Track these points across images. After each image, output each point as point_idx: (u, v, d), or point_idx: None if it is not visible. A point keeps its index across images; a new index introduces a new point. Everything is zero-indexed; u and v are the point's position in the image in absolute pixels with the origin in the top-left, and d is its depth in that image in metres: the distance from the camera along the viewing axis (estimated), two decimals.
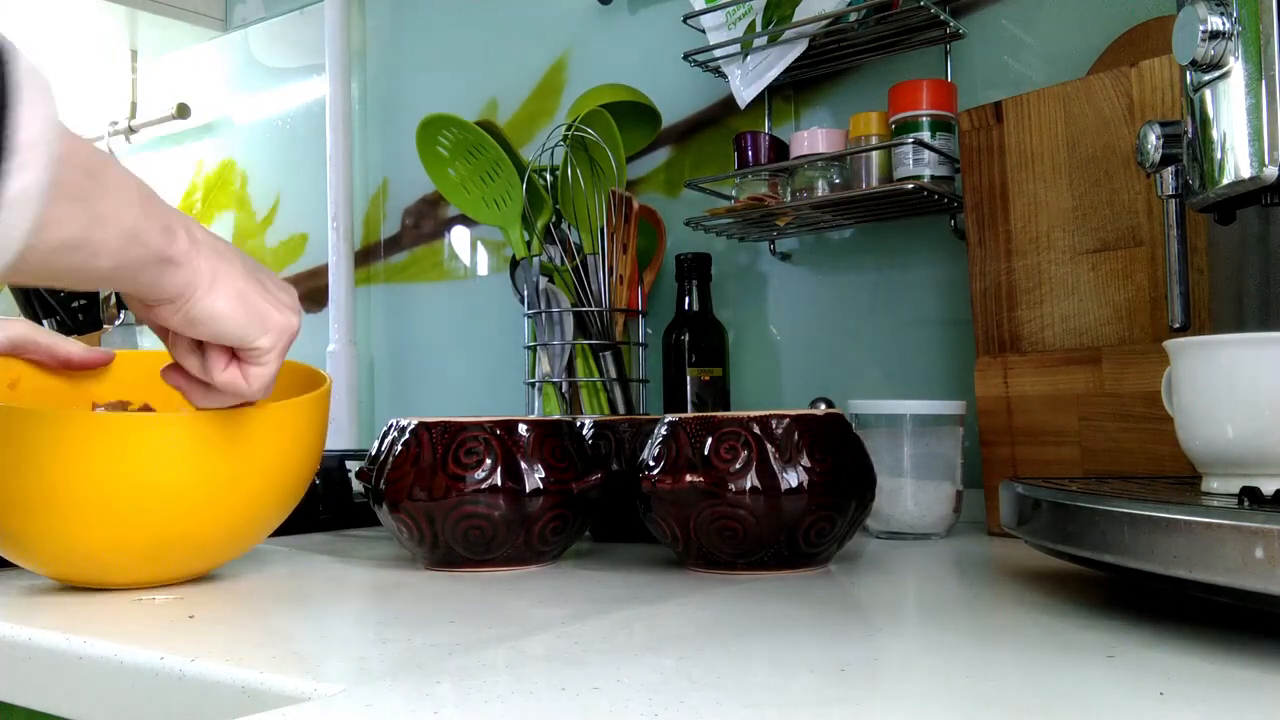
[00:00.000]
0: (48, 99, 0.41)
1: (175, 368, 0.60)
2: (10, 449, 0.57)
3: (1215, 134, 0.58)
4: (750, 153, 1.04)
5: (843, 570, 0.67)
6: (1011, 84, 0.97)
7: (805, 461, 0.63)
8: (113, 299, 1.64)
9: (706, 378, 1.08)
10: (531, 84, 1.35)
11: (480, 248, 1.42)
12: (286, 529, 0.92)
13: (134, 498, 0.59)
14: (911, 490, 0.82)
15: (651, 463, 0.65)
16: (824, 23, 0.98)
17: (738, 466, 0.62)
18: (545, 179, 1.16)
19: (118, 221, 0.48)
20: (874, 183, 0.96)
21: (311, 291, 1.61)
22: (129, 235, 0.48)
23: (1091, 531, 0.47)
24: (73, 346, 0.71)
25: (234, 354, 0.58)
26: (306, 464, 0.68)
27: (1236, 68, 0.56)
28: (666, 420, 0.67)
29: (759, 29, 1.04)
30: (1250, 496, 0.46)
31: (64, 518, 0.58)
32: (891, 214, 1.02)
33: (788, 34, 1.01)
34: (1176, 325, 0.64)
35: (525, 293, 1.16)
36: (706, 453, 0.63)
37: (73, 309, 1.61)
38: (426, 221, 1.48)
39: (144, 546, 0.61)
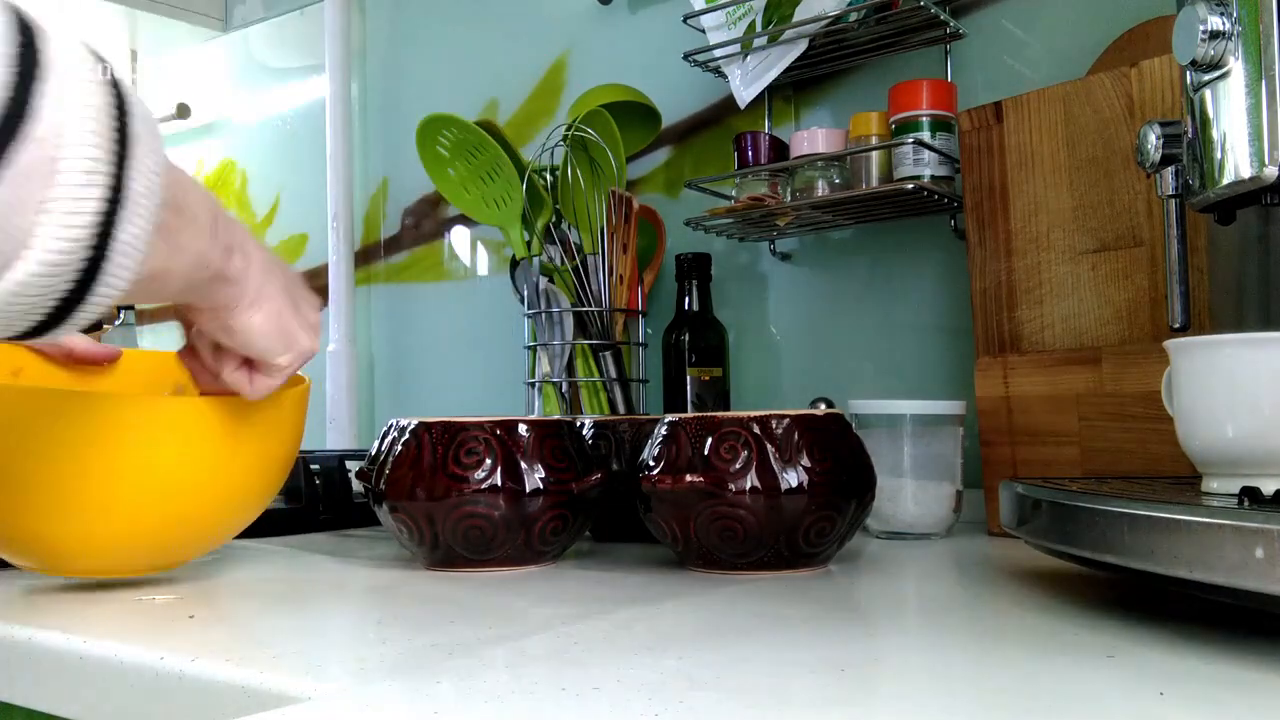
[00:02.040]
0: (156, 146, 0.42)
1: (190, 352, 0.61)
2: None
3: (1215, 134, 0.58)
4: (750, 153, 1.04)
5: (843, 570, 0.67)
6: (1011, 84, 0.97)
7: (805, 461, 0.63)
8: None
9: (706, 378, 1.08)
10: (531, 84, 1.36)
11: (480, 248, 1.42)
12: (286, 529, 0.92)
13: (110, 479, 0.58)
14: (911, 490, 0.82)
15: (651, 463, 0.65)
16: (824, 23, 0.98)
17: (738, 466, 0.62)
18: (545, 179, 1.16)
19: (192, 250, 0.49)
20: (874, 183, 0.96)
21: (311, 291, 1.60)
22: (198, 261, 0.50)
23: (1091, 531, 0.47)
24: (78, 339, 0.71)
25: (248, 359, 0.59)
26: (285, 458, 0.67)
27: (1236, 68, 0.56)
28: (666, 420, 0.67)
29: (759, 29, 1.04)
30: (1250, 496, 0.46)
31: (40, 500, 0.57)
32: (891, 214, 1.02)
33: (788, 34, 1.01)
34: (1176, 325, 0.64)
35: (525, 293, 1.16)
36: (706, 453, 0.63)
37: None
38: (426, 221, 1.48)
39: (120, 532, 0.60)
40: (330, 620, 0.56)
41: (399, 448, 0.68)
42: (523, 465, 0.66)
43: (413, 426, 0.68)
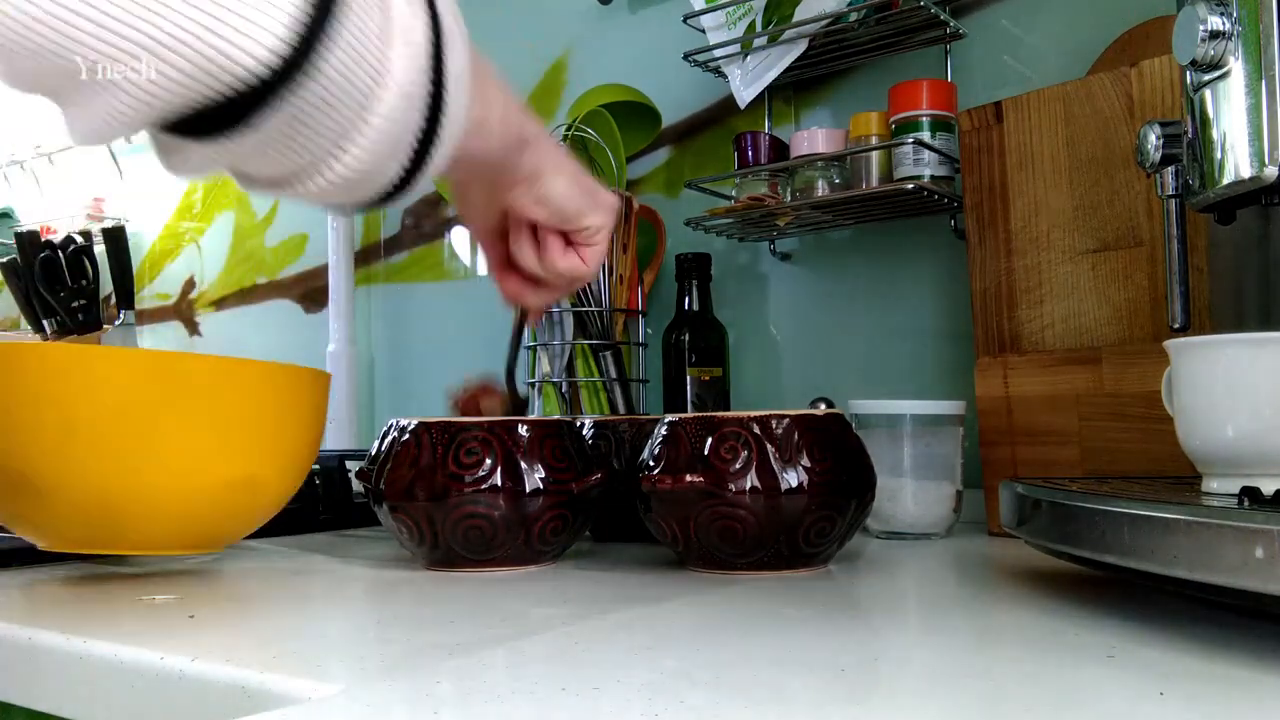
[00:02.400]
0: None
1: (510, 276, 0.65)
2: (23, 386, 0.58)
3: (1215, 134, 0.58)
4: (750, 153, 1.04)
5: (843, 570, 0.67)
6: (1011, 84, 0.97)
7: (805, 461, 0.63)
8: (112, 298, 1.64)
9: (706, 378, 1.08)
10: (531, 84, 1.36)
11: (480, 248, 1.42)
12: (286, 529, 0.92)
13: (148, 435, 0.60)
14: (911, 490, 0.82)
15: (651, 463, 0.65)
16: (824, 23, 0.98)
17: (738, 466, 0.62)
18: None
19: (495, 101, 0.51)
20: (874, 183, 0.96)
21: (311, 291, 1.60)
22: (504, 114, 0.52)
23: (1091, 531, 0.47)
24: None
25: (566, 240, 0.62)
26: (309, 441, 0.69)
27: (1236, 68, 0.56)
28: (666, 420, 0.67)
29: (759, 29, 1.04)
30: (1250, 496, 0.46)
31: (83, 457, 0.59)
32: (891, 214, 1.02)
33: (788, 34, 1.01)
34: (1176, 325, 0.64)
35: None
36: (706, 453, 0.63)
37: (73, 309, 1.61)
38: (426, 221, 1.48)
39: (188, 498, 0.62)
40: (330, 620, 0.56)
41: (399, 448, 0.68)
42: (523, 465, 0.66)
43: (413, 426, 0.68)
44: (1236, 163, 0.56)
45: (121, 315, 1.62)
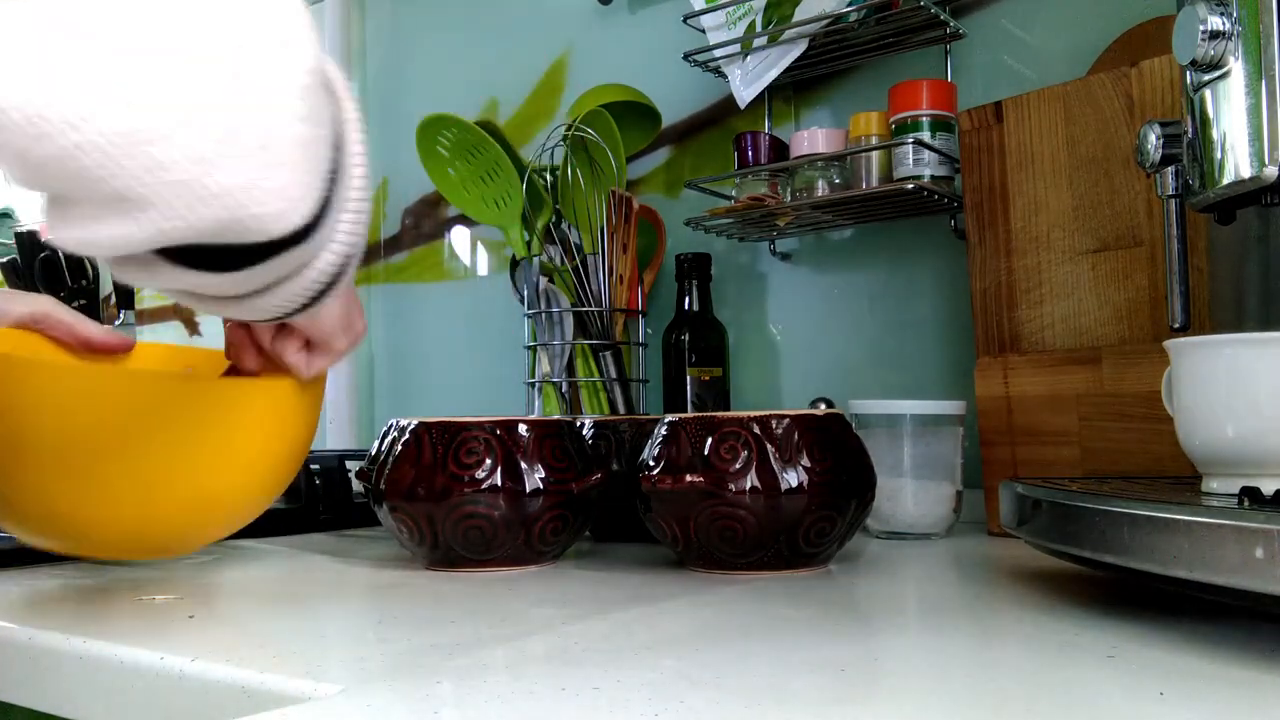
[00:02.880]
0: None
1: (242, 330, 0.61)
2: (19, 400, 0.55)
3: (1215, 134, 0.58)
4: (750, 153, 1.04)
5: (843, 570, 0.67)
6: (1011, 84, 0.97)
7: (805, 461, 0.63)
8: (112, 298, 1.64)
9: (706, 378, 1.08)
10: (531, 84, 1.35)
11: (480, 248, 1.42)
12: (287, 529, 0.92)
13: (123, 450, 0.56)
14: (911, 490, 0.82)
15: (651, 463, 0.65)
16: (824, 23, 0.98)
17: (738, 466, 0.62)
18: (545, 179, 1.16)
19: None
20: (874, 183, 0.96)
21: None
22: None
23: (1091, 531, 0.47)
24: (94, 327, 0.71)
25: (307, 341, 0.60)
26: (299, 448, 0.66)
27: (1236, 68, 0.56)
28: (666, 420, 0.67)
29: (759, 29, 1.04)
30: (1250, 496, 0.46)
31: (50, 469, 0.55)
32: (891, 214, 1.02)
33: (788, 34, 1.01)
34: (1176, 325, 0.64)
35: (525, 293, 1.16)
36: (706, 453, 0.63)
37: (73, 309, 1.61)
38: (426, 221, 1.48)
39: (188, 509, 0.59)
40: (330, 620, 0.56)
41: (399, 448, 0.68)
42: (523, 465, 0.66)
43: (413, 426, 0.68)
44: (1236, 163, 0.56)
45: (121, 315, 1.62)
